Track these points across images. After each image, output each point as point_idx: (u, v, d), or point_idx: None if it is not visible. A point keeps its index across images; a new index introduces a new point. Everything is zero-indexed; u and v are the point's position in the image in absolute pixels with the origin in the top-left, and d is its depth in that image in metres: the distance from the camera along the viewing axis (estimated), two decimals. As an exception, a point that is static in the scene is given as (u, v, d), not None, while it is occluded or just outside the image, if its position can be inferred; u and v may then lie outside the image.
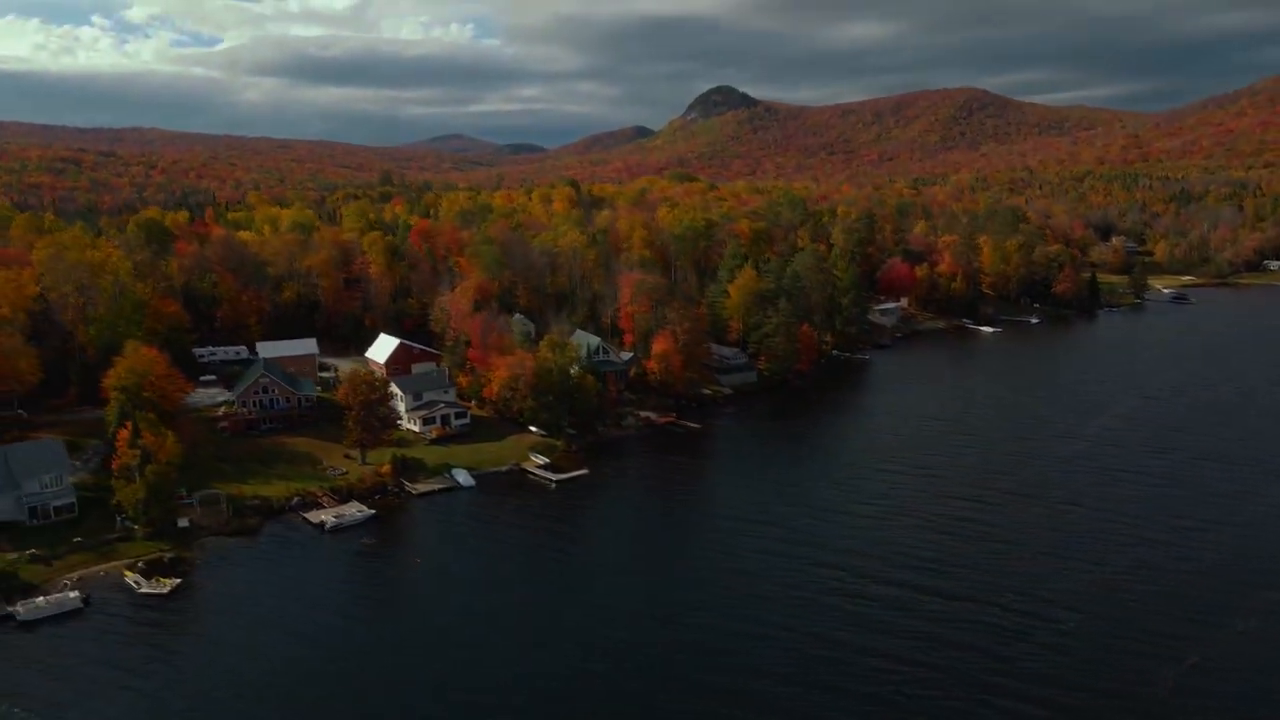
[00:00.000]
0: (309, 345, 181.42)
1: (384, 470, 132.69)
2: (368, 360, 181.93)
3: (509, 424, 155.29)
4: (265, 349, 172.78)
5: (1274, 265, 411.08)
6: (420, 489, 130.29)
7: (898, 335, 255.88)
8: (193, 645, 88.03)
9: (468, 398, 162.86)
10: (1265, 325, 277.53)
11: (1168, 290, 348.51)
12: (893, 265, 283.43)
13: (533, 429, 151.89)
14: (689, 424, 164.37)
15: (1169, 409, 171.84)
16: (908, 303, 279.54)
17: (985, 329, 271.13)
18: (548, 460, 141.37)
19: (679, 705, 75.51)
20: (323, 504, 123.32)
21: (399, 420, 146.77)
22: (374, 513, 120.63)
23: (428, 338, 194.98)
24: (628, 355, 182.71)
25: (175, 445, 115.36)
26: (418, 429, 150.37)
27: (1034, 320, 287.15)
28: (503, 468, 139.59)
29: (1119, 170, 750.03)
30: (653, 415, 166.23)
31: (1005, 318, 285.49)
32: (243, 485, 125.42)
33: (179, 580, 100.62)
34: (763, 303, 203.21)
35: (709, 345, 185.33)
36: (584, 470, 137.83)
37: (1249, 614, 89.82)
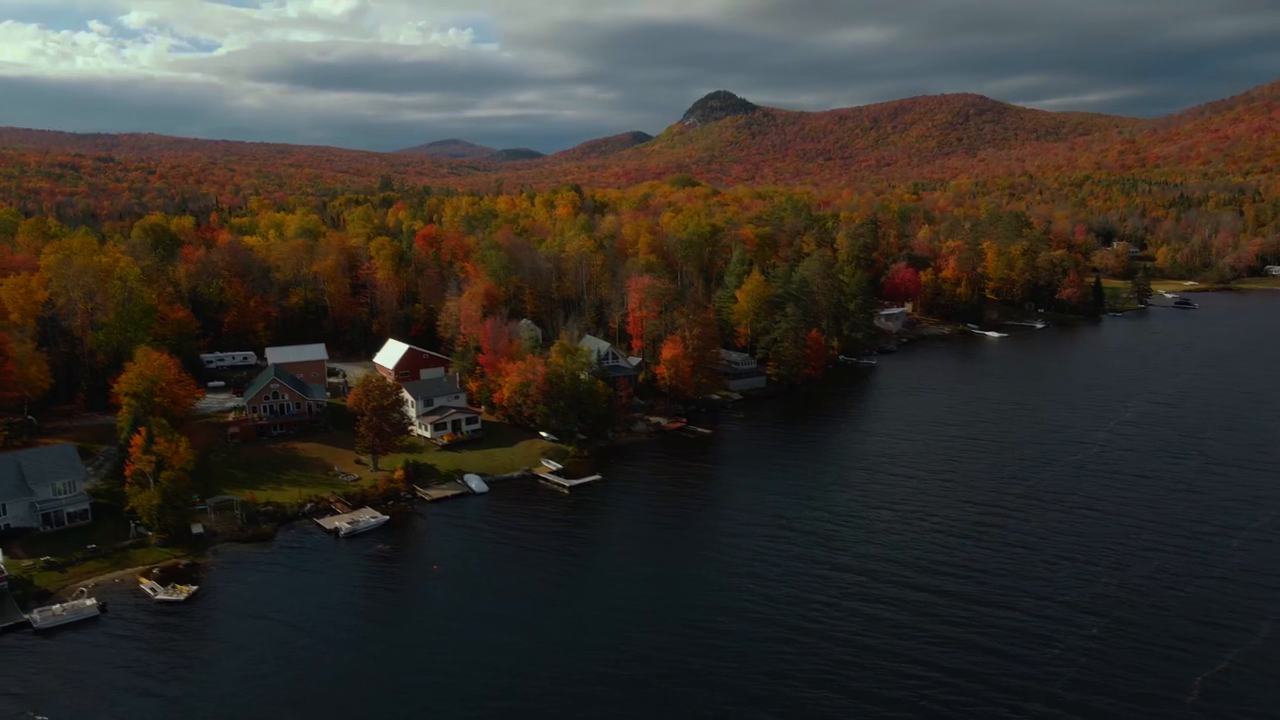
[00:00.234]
0: (318, 351, 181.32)
1: (396, 476, 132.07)
2: (376, 366, 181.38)
3: (519, 429, 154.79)
4: (274, 354, 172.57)
5: (1276, 270, 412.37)
6: (433, 495, 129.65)
7: (903, 340, 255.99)
8: (214, 651, 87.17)
9: (478, 403, 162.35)
10: (1270, 330, 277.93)
11: (1171, 295, 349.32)
12: (898, 270, 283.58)
13: (544, 434, 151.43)
14: (699, 429, 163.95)
15: (1180, 414, 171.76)
16: (913, 308, 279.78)
17: (990, 334, 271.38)
18: (560, 466, 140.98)
19: (707, 709, 75.01)
20: (336, 510, 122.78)
21: (410, 426, 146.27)
22: (388, 519, 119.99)
23: (434, 343, 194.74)
24: (636, 360, 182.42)
25: (188, 451, 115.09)
26: (429, 435, 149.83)
27: (1039, 325, 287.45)
28: (515, 473, 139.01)
29: (1118, 175, 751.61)
30: (663, 420, 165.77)
31: (1010, 322, 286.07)
32: (255, 491, 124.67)
33: (195, 587, 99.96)
34: (771, 308, 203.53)
35: (719, 350, 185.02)
36: (597, 476, 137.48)
37: (1275, 620, 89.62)
